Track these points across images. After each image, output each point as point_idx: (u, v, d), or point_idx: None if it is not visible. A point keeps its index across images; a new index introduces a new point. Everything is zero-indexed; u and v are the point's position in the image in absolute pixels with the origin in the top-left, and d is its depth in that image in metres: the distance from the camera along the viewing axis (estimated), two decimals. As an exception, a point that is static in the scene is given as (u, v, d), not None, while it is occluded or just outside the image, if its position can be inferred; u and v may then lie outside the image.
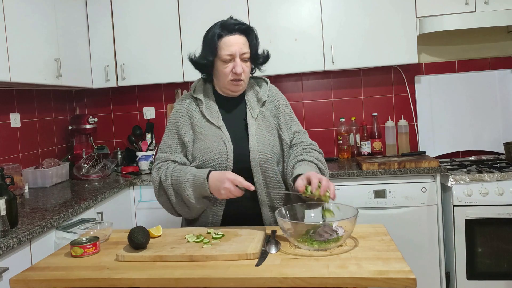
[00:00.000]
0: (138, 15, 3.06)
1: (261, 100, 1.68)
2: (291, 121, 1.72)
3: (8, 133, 2.65)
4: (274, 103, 1.71)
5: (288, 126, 1.70)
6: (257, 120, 1.65)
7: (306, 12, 2.92)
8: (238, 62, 1.57)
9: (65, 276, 1.22)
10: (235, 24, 1.60)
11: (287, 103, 1.76)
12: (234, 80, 1.60)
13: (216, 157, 1.58)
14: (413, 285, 1.08)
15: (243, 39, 1.59)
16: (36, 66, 2.43)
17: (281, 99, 1.74)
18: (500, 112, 3.09)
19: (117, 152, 3.21)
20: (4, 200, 1.59)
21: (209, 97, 1.69)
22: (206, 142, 1.60)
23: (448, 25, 2.76)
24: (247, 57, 1.60)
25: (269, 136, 1.64)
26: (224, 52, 1.57)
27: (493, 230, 2.52)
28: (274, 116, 1.69)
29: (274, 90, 1.76)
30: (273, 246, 1.32)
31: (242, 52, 1.57)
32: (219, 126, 1.62)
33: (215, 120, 1.64)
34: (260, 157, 1.58)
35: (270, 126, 1.66)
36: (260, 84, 1.74)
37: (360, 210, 1.60)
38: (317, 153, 1.67)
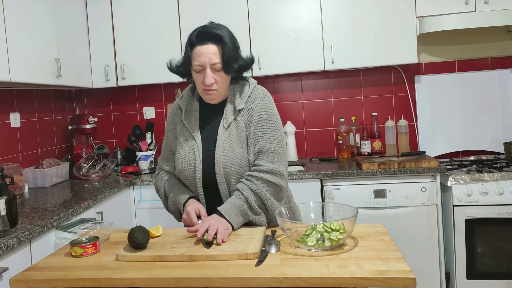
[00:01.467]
0: (138, 15, 3.06)
1: (236, 110, 1.59)
2: (261, 135, 1.56)
3: (8, 133, 2.65)
4: (251, 112, 1.58)
5: (255, 142, 1.57)
6: (228, 130, 1.58)
7: (306, 12, 2.92)
8: (208, 73, 1.51)
9: (65, 276, 1.22)
10: (208, 33, 1.53)
11: (268, 111, 1.59)
12: (205, 90, 1.56)
13: (187, 167, 1.60)
14: (413, 285, 1.08)
15: (214, 48, 1.51)
16: (36, 66, 2.43)
17: (259, 107, 1.58)
18: (500, 112, 3.09)
19: (117, 152, 3.21)
20: (4, 200, 1.59)
21: (192, 105, 1.68)
22: (181, 151, 1.64)
23: (448, 25, 2.76)
24: (218, 67, 1.52)
25: (238, 149, 1.56)
26: (195, 62, 1.53)
27: (493, 230, 2.52)
28: (248, 126, 1.58)
29: (257, 96, 1.60)
30: (273, 246, 1.32)
31: (212, 63, 1.51)
32: (194, 135, 1.62)
33: (191, 129, 1.64)
34: (224, 170, 1.54)
35: (242, 137, 1.57)
36: (243, 89, 1.62)
37: (360, 210, 1.60)
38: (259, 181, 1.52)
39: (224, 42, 1.52)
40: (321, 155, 3.30)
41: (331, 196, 2.65)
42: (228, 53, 1.52)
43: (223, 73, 1.54)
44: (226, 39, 1.52)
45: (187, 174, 1.60)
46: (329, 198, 2.65)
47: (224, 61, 1.52)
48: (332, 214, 1.48)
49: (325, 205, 1.54)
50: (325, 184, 2.68)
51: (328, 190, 2.66)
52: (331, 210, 1.50)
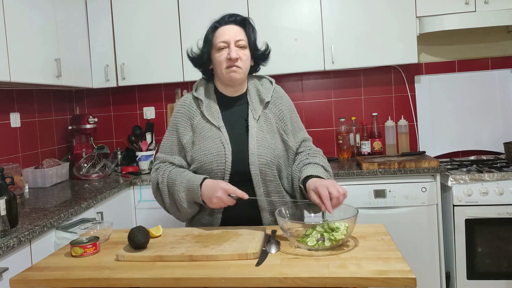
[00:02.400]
0: (138, 15, 3.06)
1: (264, 101, 1.62)
2: (298, 128, 1.69)
3: (8, 133, 2.65)
4: (279, 106, 1.65)
5: (295, 133, 1.67)
6: (258, 121, 1.60)
7: (306, 12, 2.92)
8: (233, 47, 1.55)
9: (65, 276, 1.22)
10: (230, 16, 1.61)
11: (293, 107, 1.72)
12: (229, 68, 1.55)
13: (215, 159, 1.55)
14: (413, 285, 1.08)
15: (238, 28, 1.59)
16: (36, 66, 2.43)
17: (287, 102, 1.69)
18: (500, 112, 3.09)
19: (117, 152, 3.21)
20: (4, 200, 1.59)
21: (210, 97, 1.65)
22: (205, 143, 1.58)
23: (448, 25, 2.76)
24: (242, 44, 1.56)
25: (270, 139, 1.58)
26: (218, 40, 1.56)
27: (493, 230, 2.52)
28: (279, 119, 1.63)
29: (280, 92, 1.70)
30: (273, 246, 1.32)
31: (237, 39, 1.55)
32: (219, 127, 1.59)
33: (215, 120, 1.60)
34: (259, 161, 1.54)
35: (272, 129, 1.61)
36: (264, 84, 1.68)
37: (360, 210, 1.60)
38: (322, 157, 1.66)
39: (248, 25, 1.61)
40: (321, 155, 3.30)
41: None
42: (253, 34, 1.61)
43: (247, 51, 1.59)
44: (250, 22, 1.62)
45: (214, 167, 1.54)
46: (329, 198, 2.64)
47: (250, 39, 1.59)
48: (332, 214, 1.47)
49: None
50: (325, 184, 2.67)
51: (328, 190, 2.66)
52: (331, 210, 1.49)
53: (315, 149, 1.69)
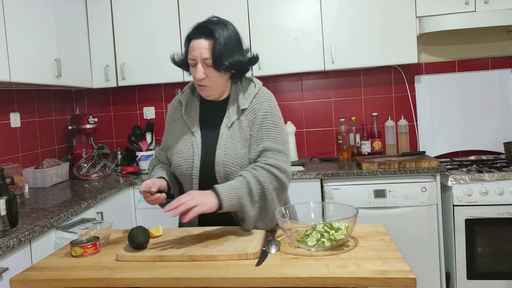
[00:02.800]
0: (138, 15, 3.06)
1: (240, 109, 1.56)
2: (265, 135, 1.52)
3: (8, 133, 2.65)
4: (256, 112, 1.55)
5: (258, 141, 1.52)
6: (231, 129, 1.55)
7: (306, 12, 2.92)
8: (199, 67, 1.49)
9: (65, 276, 1.22)
10: (202, 26, 1.51)
11: (273, 113, 1.56)
12: (199, 85, 1.54)
13: (184, 163, 1.56)
14: (413, 285, 1.08)
15: (207, 43, 1.48)
16: (36, 66, 2.43)
17: (264, 108, 1.55)
18: (500, 112, 3.09)
19: (117, 152, 3.21)
20: (4, 200, 1.59)
21: (193, 101, 1.66)
22: (179, 146, 1.60)
23: (448, 25, 2.76)
24: (209, 63, 1.48)
25: (240, 148, 1.52)
26: (189, 56, 1.52)
27: (493, 230, 2.52)
28: (252, 126, 1.54)
29: (262, 97, 1.58)
30: (273, 246, 1.32)
31: (203, 58, 1.48)
32: (193, 131, 1.59)
33: (191, 124, 1.61)
34: (224, 170, 1.50)
35: (245, 137, 1.54)
36: (248, 89, 1.60)
37: (360, 210, 1.60)
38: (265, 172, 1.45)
39: (215, 37, 1.47)
40: (321, 155, 3.30)
41: (331, 196, 2.65)
42: (219, 49, 1.47)
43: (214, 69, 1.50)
44: (218, 34, 1.47)
45: (183, 170, 1.56)
46: (329, 198, 2.65)
47: (214, 57, 1.47)
48: (332, 214, 1.47)
49: (325, 205, 1.54)
50: (325, 184, 2.68)
51: (328, 190, 2.66)
52: (331, 210, 1.49)
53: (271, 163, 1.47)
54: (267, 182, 1.45)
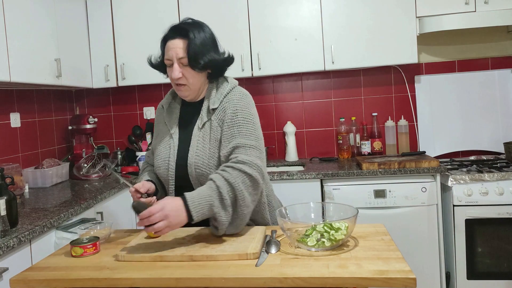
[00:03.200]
0: (138, 15, 3.06)
1: (210, 108, 1.56)
2: (236, 132, 1.49)
3: (8, 133, 2.65)
4: (225, 111, 1.53)
5: (229, 139, 1.49)
6: (202, 129, 1.56)
7: (306, 12, 2.92)
8: (175, 66, 1.52)
9: (65, 276, 1.22)
10: (177, 27, 1.56)
11: (244, 110, 1.53)
12: (176, 85, 1.57)
13: (162, 164, 1.60)
14: (413, 285, 1.08)
15: (182, 43, 1.52)
16: (36, 66, 2.43)
17: (234, 106, 1.53)
18: (500, 112, 3.09)
19: (117, 152, 3.21)
20: (4, 200, 1.59)
21: (174, 103, 1.69)
22: (159, 148, 1.65)
23: (448, 25, 2.76)
24: (184, 62, 1.52)
25: (209, 149, 1.53)
26: (165, 57, 1.56)
27: (493, 230, 2.52)
28: (222, 125, 1.53)
29: (233, 96, 1.56)
30: (273, 246, 1.32)
31: (179, 57, 1.51)
32: (172, 133, 1.63)
33: (170, 126, 1.65)
34: (195, 171, 1.52)
35: (215, 137, 1.53)
36: (220, 89, 1.59)
37: (360, 210, 1.60)
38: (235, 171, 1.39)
39: (190, 37, 1.51)
40: (321, 155, 3.31)
41: (331, 196, 2.65)
42: (194, 48, 1.50)
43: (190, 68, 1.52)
44: (193, 33, 1.51)
45: (161, 172, 1.60)
46: (329, 198, 2.65)
47: (189, 55, 1.50)
48: (332, 214, 1.47)
49: (325, 205, 1.54)
50: (325, 184, 2.68)
51: (328, 190, 2.66)
52: (331, 210, 1.49)
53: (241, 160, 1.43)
54: (238, 182, 1.38)
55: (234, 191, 1.38)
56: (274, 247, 1.32)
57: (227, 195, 1.37)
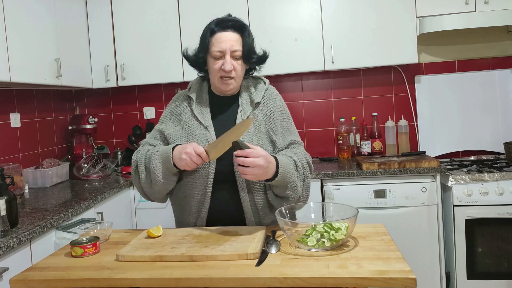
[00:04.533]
0: (138, 15, 3.06)
1: (254, 102, 1.61)
2: (288, 131, 1.65)
3: (8, 133, 2.65)
4: (270, 107, 1.63)
5: (285, 135, 1.63)
6: None
7: (306, 12, 2.92)
8: (228, 59, 1.53)
9: (65, 276, 1.22)
10: (230, 21, 1.57)
11: (286, 109, 1.69)
12: (223, 78, 1.56)
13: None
14: (413, 285, 1.08)
15: (236, 36, 1.56)
16: (36, 66, 2.44)
17: (279, 104, 1.66)
18: (500, 112, 3.09)
19: (117, 152, 3.21)
20: (4, 200, 1.59)
21: (202, 96, 1.66)
22: (192, 141, 1.58)
23: (448, 25, 2.77)
24: (238, 55, 1.55)
25: (256, 140, 1.56)
26: (215, 48, 1.54)
27: (493, 230, 2.52)
28: (268, 120, 1.61)
29: (273, 94, 1.67)
30: (273, 246, 1.32)
31: (233, 50, 1.53)
32: (207, 126, 1.59)
33: (204, 119, 1.60)
34: None
35: (260, 130, 1.59)
36: (257, 85, 1.67)
37: (360, 210, 1.60)
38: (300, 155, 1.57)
39: (246, 32, 1.58)
40: (322, 155, 3.31)
41: (331, 196, 2.65)
42: (249, 43, 1.58)
43: (241, 62, 1.57)
44: (248, 29, 1.60)
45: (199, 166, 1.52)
46: (329, 198, 2.65)
47: (245, 50, 1.56)
48: (332, 214, 1.47)
49: (325, 205, 1.54)
50: (325, 184, 2.68)
51: (328, 190, 2.66)
52: (331, 210, 1.49)
53: (301, 150, 1.61)
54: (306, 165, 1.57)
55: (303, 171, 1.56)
56: (274, 247, 1.32)
57: (301, 171, 1.55)
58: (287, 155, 1.54)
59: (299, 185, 1.54)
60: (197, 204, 1.57)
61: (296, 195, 1.54)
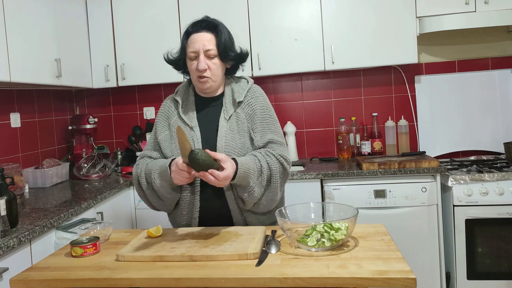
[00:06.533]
0: (138, 15, 3.06)
1: (236, 101, 1.64)
2: (268, 128, 1.63)
3: (8, 133, 2.65)
4: (252, 106, 1.64)
5: (264, 133, 1.62)
6: (229, 121, 1.62)
7: (306, 12, 2.92)
8: (201, 58, 1.57)
9: (65, 276, 1.22)
10: (204, 21, 1.61)
11: (269, 108, 1.68)
12: (199, 78, 1.60)
13: None
14: (413, 285, 1.08)
15: (209, 36, 1.59)
16: (36, 66, 2.43)
17: (261, 103, 1.66)
18: (500, 112, 3.09)
19: (117, 152, 3.21)
20: (4, 200, 1.59)
21: (188, 98, 1.71)
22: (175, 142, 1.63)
23: (448, 25, 2.77)
24: (212, 54, 1.58)
25: (239, 139, 1.60)
26: (189, 50, 1.60)
27: (493, 230, 2.51)
28: (250, 119, 1.63)
29: (256, 92, 1.68)
30: (273, 246, 1.32)
31: (206, 49, 1.57)
32: (192, 127, 1.63)
33: (189, 120, 1.65)
34: None
35: (243, 128, 1.62)
36: (240, 84, 1.70)
37: (360, 210, 1.60)
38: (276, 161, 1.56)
39: (219, 31, 1.60)
40: (321, 155, 3.30)
41: (331, 196, 2.65)
42: (224, 41, 1.59)
43: (217, 60, 1.60)
44: (221, 28, 1.61)
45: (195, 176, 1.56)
46: (329, 198, 2.65)
47: (219, 48, 1.59)
48: (332, 214, 1.48)
49: (325, 205, 1.54)
50: (325, 184, 2.68)
51: (328, 190, 2.66)
52: (331, 210, 1.50)
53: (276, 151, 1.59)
54: (276, 170, 1.55)
55: (271, 177, 1.55)
56: (274, 247, 1.32)
57: (265, 177, 1.54)
58: (256, 158, 1.53)
59: (256, 190, 1.52)
60: (187, 206, 1.60)
61: (251, 199, 1.53)
